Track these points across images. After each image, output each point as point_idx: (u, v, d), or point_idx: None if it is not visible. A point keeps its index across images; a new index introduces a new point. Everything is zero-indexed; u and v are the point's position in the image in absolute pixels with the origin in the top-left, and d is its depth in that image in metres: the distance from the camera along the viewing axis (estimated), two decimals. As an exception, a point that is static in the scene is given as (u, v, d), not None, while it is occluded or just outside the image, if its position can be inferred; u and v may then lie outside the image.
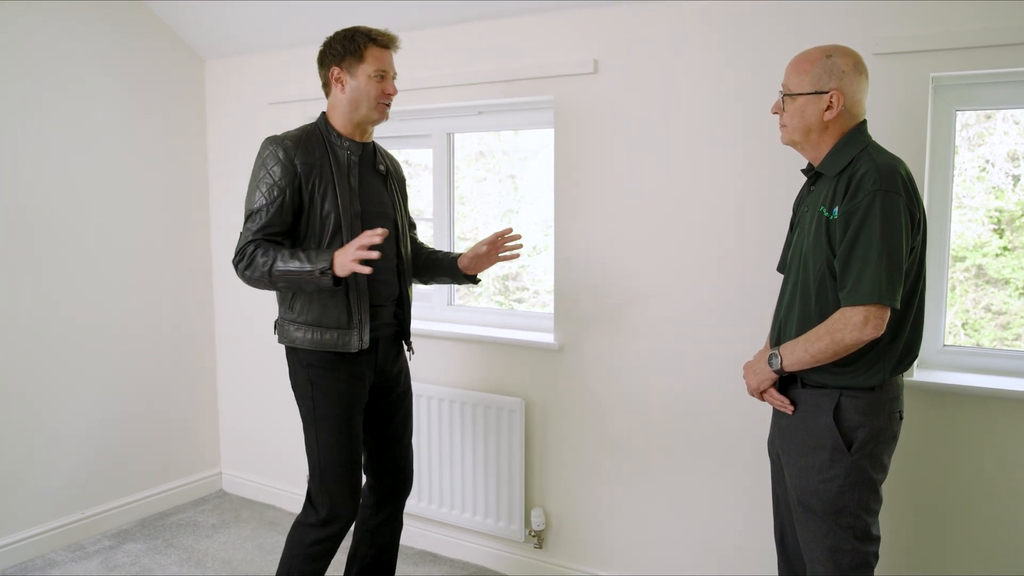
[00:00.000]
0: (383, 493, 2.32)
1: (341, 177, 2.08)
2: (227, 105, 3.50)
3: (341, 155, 2.10)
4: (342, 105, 2.11)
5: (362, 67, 2.07)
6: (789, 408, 1.79)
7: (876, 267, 1.59)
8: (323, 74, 2.13)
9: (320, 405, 2.10)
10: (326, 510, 2.11)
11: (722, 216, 2.40)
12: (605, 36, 2.53)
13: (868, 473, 1.70)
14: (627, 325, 2.59)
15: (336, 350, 2.08)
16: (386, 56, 2.11)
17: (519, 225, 3.21)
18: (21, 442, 2.95)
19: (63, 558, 2.99)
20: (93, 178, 3.13)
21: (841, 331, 1.63)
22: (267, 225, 2.01)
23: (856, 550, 1.70)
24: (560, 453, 2.76)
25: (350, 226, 2.07)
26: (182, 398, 3.54)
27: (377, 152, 2.23)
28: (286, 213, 2.03)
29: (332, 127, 2.13)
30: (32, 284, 2.95)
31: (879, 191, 1.60)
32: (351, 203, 2.08)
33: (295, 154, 2.03)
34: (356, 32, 2.08)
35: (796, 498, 1.78)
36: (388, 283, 2.19)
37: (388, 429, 2.30)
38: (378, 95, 2.09)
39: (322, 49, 2.13)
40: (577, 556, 2.76)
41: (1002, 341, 2.40)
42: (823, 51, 1.73)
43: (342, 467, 2.11)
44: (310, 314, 2.07)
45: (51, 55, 2.96)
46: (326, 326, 2.07)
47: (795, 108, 1.75)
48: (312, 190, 2.05)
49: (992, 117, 2.33)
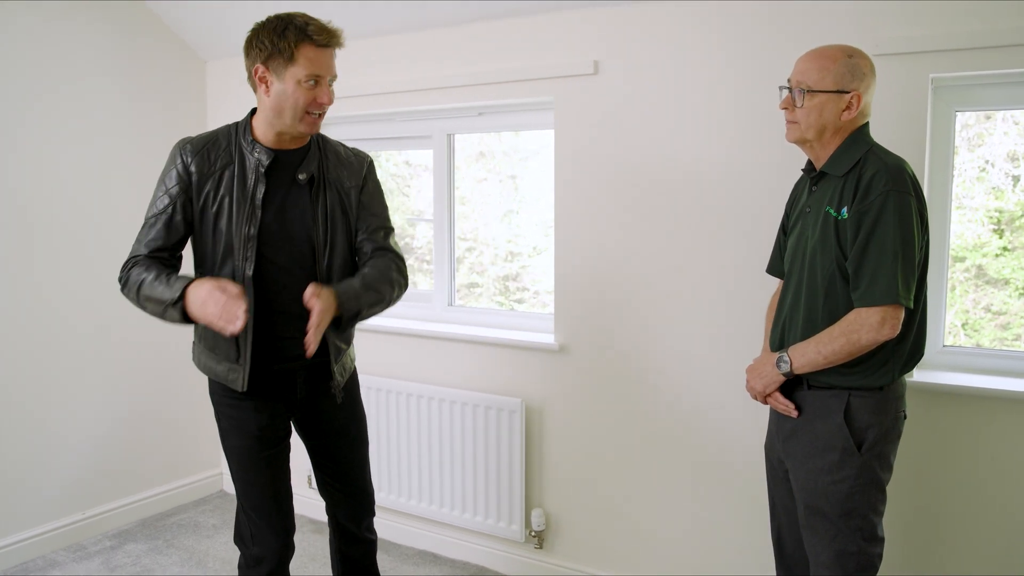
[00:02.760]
0: (341, 518, 2.15)
1: (242, 191, 1.80)
2: (228, 106, 3.50)
3: (249, 162, 1.81)
4: (265, 109, 1.81)
5: (291, 69, 1.74)
6: (794, 412, 1.78)
7: (891, 267, 1.59)
8: (247, 66, 1.82)
9: (226, 436, 1.94)
10: (255, 545, 1.95)
11: (723, 217, 2.40)
12: (605, 37, 2.53)
13: (877, 473, 1.70)
14: (627, 326, 2.59)
15: (227, 384, 1.87)
16: (323, 57, 1.76)
17: (520, 225, 3.22)
18: (22, 443, 2.95)
19: (64, 558, 2.99)
20: (94, 179, 3.13)
21: (858, 332, 1.62)
22: (152, 239, 1.81)
23: (863, 551, 1.70)
24: (560, 454, 2.76)
25: (243, 250, 1.80)
26: (183, 399, 3.54)
27: (307, 156, 1.88)
28: (174, 229, 1.81)
29: (251, 130, 1.84)
30: (33, 286, 2.95)
31: (891, 191, 1.60)
32: (248, 222, 1.79)
33: (192, 160, 1.79)
34: (289, 25, 1.74)
35: (803, 502, 1.76)
36: (298, 314, 1.75)
37: (330, 462, 2.10)
38: (307, 104, 1.77)
39: (249, 37, 1.80)
40: (577, 556, 2.76)
41: (1002, 341, 2.40)
42: (844, 50, 1.70)
43: (257, 501, 1.93)
44: (205, 340, 1.87)
45: (51, 56, 2.96)
46: (220, 356, 1.85)
47: (813, 105, 1.70)
48: (204, 204, 1.79)
49: (992, 117, 2.34)
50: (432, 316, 3.14)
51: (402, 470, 3.05)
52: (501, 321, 3.00)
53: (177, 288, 1.70)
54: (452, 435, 2.92)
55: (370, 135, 3.21)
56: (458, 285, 3.17)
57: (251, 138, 1.84)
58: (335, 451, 2.10)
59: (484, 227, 3.28)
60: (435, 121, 3.04)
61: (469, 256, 3.32)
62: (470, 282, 3.32)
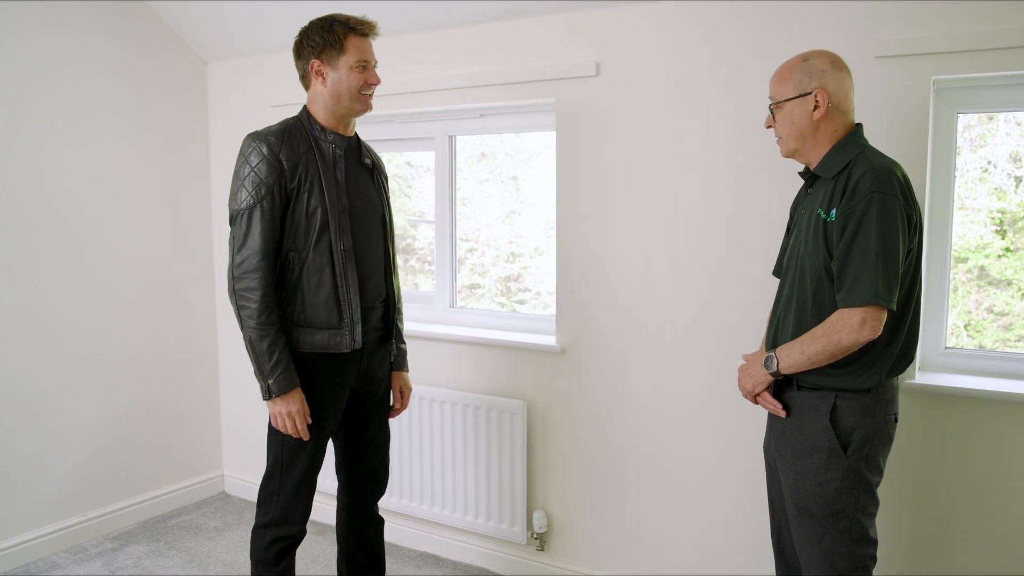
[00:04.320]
0: (355, 496, 2.28)
1: (327, 172, 2.01)
2: (229, 107, 3.50)
3: (326, 149, 2.03)
4: (323, 98, 2.03)
5: (343, 58, 1.99)
6: (782, 412, 1.79)
7: (873, 268, 1.60)
8: (301, 66, 2.05)
9: None
10: (281, 509, 2.05)
11: (724, 219, 2.40)
12: (606, 39, 2.53)
13: (864, 475, 1.70)
14: (629, 327, 2.59)
15: (327, 351, 2.02)
16: (367, 45, 2.03)
17: (521, 226, 3.22)
18: (24, 445, 2.95)
19: (65, 560, 2.99)
20: (95, 180, 3.13)
21: (838, 333, 1.63)
22: (262, 243, 1.92)
23: (853, 553, 1.70)
24: (562, 455, 2.76)
25: (338, 222, 2.00)
26: (184, 400, 3.54)
27: (362, 145, 2.17)
28: (276, 217, 1.95)
29: (315, 120, 2.05)
30: (34, 288, 2.96)
31: (876, 193, 1.60)
32: (338, 198, 2.02)
33: (279, 149, 1.95)
34: (334, 21, 2.00)
35: (792, 501, 1.77)
36: (376, 284, 2.12)
37: (365, 434, 2.24)
38: (361, 86, 2.02)
39: (298, 39, 2.05)
40: (579, 558, 2.76)
41: (1004, 342, 2.39)
42: (800, 57, 1.78)
43: (302, 473, 2.05)
44: (300, 314, 2.01)
45: (53, 57, 2.96)
46: (316, 326, 2.00)
47: (783, 116, 1.78)
48: (298, 186, 1.97)
49: (994, 118, 2.33)
50: (433, 318, 3.14)
51: (403, 472, 3.05)
52: (503, 323, 3.00)
53: (283, 383, 1.95)
54: (454, 437, 2.92)
55: (372, 136, 3.20)
56: (460, 286, 3.17)
57: (319, 126, 2.05)
58: (371, 424, 2.25)
59: (486, 228, 3.28)
60: (436, 123, 3.04)
61: (471, 257, 3.32)
62: (472, 283, 3.32)
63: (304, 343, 2.02)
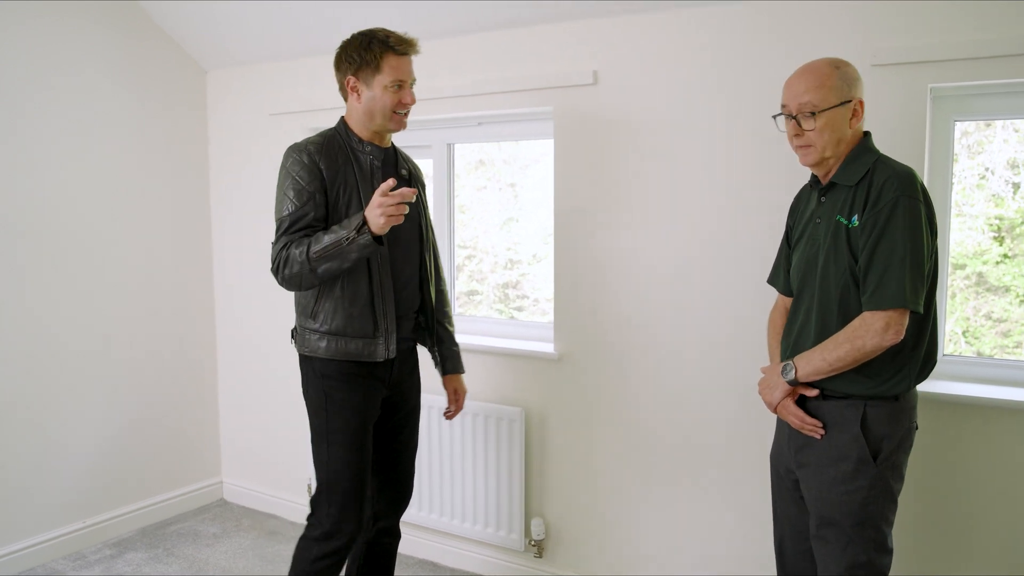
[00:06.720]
0: (381, 506, 2.29)
1: (365, 183, 2.03)
2: (228, 116, 3.51)
3: (364, 160, 2.06)
4: (358, 114, 2.06)
5: (378, 78, 1.99)
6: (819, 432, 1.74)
7: (900, 271, 1.60)
8: (339, 79, 2.08)
9: (333, 418, 2.05)
10: (330, 523, 2.05)
11: (723, 226, 2.40)
12: (604, 47, 2.54)
13: (890, 483, 1.70)
14: (627, 335, 2.58)
15: (361, 359, 2.03)
16: (404, 64, 2.02)
17: (519, 233, 3.22)
18: (23, 451, 2.96)
19: (64, 567, 2.99)
20: (95, 188, 3.14)
21: (862, 337, 1.62)
22: (300, 218, 1.95)
23: (872, 562, 1.69)
24: (560, 462, 2.75)
25: None
26: (183, 407, 3.54)
27: (399, 156, 2.18)
28: (318, 222, 1.98)
29: (352, 132, 2.08)
30: (33, 295, 2.96)
31: (901, 197, 1.61)
32: None
33: (319, 159, 1.98)
34: (373, 39, 2.00)
35: (816, 512, 1.75)
36: (410, 294, 2.15)
37: (394, 443, 2.26)
38: (394, 106, 2.02)
39: (338, 53, 2.06)
40: (577, 566, 2.76)
41: (1003, 349, 2.39)
42: (830, 63, 1.73)
43: (350, 482, 2.05)
44: (334, 323, 2.02)
45: (51, 64, 2.97)
46: (351, 335, 2.02)
47: (824, 124, 1.71)
48: (336, 196, 1.99)
49: (992, 125, 2.34)
50: (432, 324, 3.13)
51: (402, 479, 3.05)
52: (501, 330, 3.00)
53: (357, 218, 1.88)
54: (452, 444, 2.91)
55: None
56: (458, 293, 3.17)
57: (356, 138, 2.07)
58: (401, 433, 2.26)
59: (484, 235, 3.28)
60: (435, 131, 3.04)
61: (469, 264, 3.32)
62: (470, 290, 3.33)
63: (338, 351, 2.03)
